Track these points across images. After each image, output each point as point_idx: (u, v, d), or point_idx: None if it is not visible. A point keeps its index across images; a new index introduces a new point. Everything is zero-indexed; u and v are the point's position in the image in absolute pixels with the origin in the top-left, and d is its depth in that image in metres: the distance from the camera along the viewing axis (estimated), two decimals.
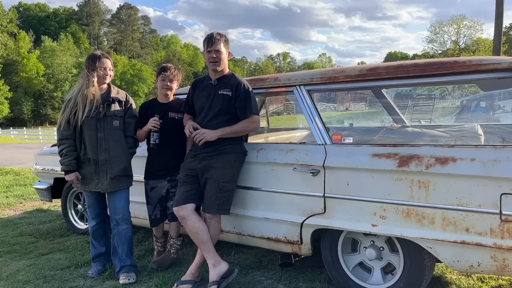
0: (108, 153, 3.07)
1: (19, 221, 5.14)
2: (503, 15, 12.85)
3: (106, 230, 3.32)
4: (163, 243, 3.37)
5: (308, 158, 2.67)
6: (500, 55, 13.19)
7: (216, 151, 2.82)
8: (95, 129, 3.05)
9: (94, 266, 3.25)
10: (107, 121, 3.08)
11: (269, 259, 3.38)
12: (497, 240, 2.13)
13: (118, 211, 3.15)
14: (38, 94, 55.62)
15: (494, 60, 2.31)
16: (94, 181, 3.10)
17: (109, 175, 3.08)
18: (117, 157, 3.10)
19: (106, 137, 3.06)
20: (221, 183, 2.79)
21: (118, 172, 3.10)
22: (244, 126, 2.85)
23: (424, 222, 2.31)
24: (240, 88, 2.83)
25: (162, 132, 3.14)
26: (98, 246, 3.27)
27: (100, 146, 3.06)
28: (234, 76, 2.93)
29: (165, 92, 3.23)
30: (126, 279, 3.03)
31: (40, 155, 4.69)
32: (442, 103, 17.26)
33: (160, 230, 3.34)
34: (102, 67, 3.06)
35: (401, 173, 2.34)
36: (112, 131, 3.09)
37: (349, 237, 2.72)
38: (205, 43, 2.86)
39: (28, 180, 7.89)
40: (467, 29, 45.79)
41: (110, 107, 3.11)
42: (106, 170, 3.07)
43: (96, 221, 3.23)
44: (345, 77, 2.73)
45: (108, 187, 3.09)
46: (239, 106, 2.83)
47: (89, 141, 3.06)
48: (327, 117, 7.37)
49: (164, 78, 3.21)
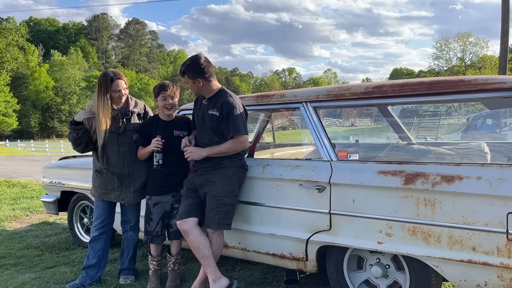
0: (131, 167, 3.13)
1: (25, 233, 5.15)
2: (508, 33, 12.89)
3: (106, 244, 3.31)
4: (159, 261, 3.24)
5: (314, 175, 2.68)
6: (506, 72, 13.19)
7: (214, 166, 2.85)
8: (116, 144, 3.10)
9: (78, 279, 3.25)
10: (127, 135, 3.13)
11: (274, 276, 3.37)
12: (504, 259, 2.12)
13: (130, 220, 3.34)
14: (46, 107, 56.14)
15: (499, 79, 2.33)
16: (116, 193, 3.15)
17: (132, 188, 3.15)
18: (140, 170, 3.16)
19: (127, 151, 3.11)
20: (220, 197, 2.81)
21: (140, 184, 3.18)
22: (230, 146, 2.81)
23: (430, 240, 2.30)
24: (225, 108, 2.80)
25: (166, 150, 3.05)
26: (91, 257, 3.27)
27: (123, 161, 3.11)
28: (223, 94, 2.90)
29: (168, 112, 3.14)
30: (124, 280, 3.30)
31: (48, 168, 4.73)
32: (448, 120, 17.23)
33: (159, 249, 3.23)
34: (116, 89, 3.05)
35: (407, 190, 2.34)
36: (132, 145, 3.14)
37: (354, 254, 2.70)
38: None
39: (34, 193, 7.93)
40: (473, 46, 45.89)
41: (129, 120, 3.15)
42: (129, 183, 3.14)
43: (98, 232, 3.25)
44: (351, 94, 2.75)
45: (132, 200, 3.17)
46: (224, 126, 2.81)
47: (112, 156, 3.11)
48: (333, 133, 7.39)
49: (165, 97, 3.10)
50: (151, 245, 3.20)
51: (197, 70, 2.83)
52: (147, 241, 3.15)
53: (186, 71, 2.86)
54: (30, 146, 33.47)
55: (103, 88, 3.02)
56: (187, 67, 2.85)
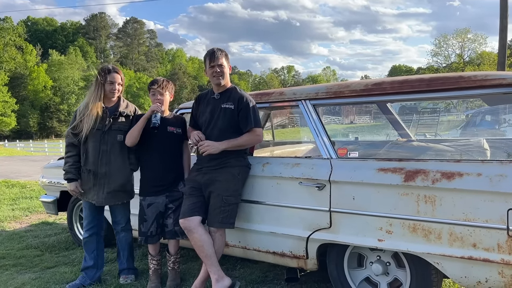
0: (108, 167, 3.09)
1: (24, 234, 5.14)
2: (507, 29, 12.87)
3: (99, 244, 3.30)
4: (159, 261, 3.22)
5: (313, 172, 2.67)
6: (505, 68, 13.17)
7: (219, 165, 2.83)
8: (99, 141, 3.08)
9: (78, 279, 3.25)
10: (111, 134, 3.11)
11: (274, 274, 3.37)
12: (505, 256, 2.11)
13: (119, 222, 3.34)
14: (44, 107, 56.10)
15: (499, 75, 2.32)
16: (92, 192, 3.12)
17: (106, 189, 3.11)
18: (117, 171, 3.12)
19: (108, 151, 3.09)
20: (224, 196, 2.80)
21: (115, 187, 3.13)
22: (247, 139, 2.86)
23: (430, 237, 2.30)
24: (243, 102, 2.86)
25: (160, 146, 3.06)
26: (88, 259, 3.27)
27: (101, 159, 3.08)
28: (236, 90, 2.97)
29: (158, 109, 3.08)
30: (124, 280, 3.31)
31: (47, 168, 4.72)
32: (447, 117, 17.23)
33: (157, 248, 3.21)
34: (110, 81, 3.10)
35: (407, 188, 2.34)
36: (115, 145, 3.11)
37: (355, 252, 2.70)
38: (206, 59, 2.93)
39: (34, 193, 7.92)
40: (471, 43, 45.89)
41: (116, 120, 3.13)
42: (103, 183, 3.10)
43: (89, 233, 3.24)
44: (351, 91, 2.74)
45: (103, 201, 3.13)
46: (242, 119, 2.85)
47: (92, 153, 3.09)
48: (332, 130, 7.38)
49: (154, 93, 3.09)
50: (148, 245, 3.19)
51: (229, 59, 2.99)
52: (142, 241, 3.13)
53: (227, 54, 2.96)
54: (29, 146, 33.44)
55: (99, 79, 3.09)
56: (225, 51, 2.96)
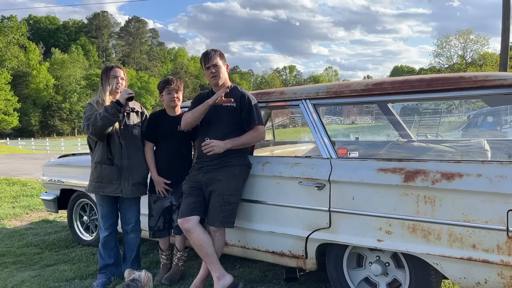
0: (130, 160, 3.15)
1: (25, 231, 5.15)
2: (509, 30, 12.84)
3: (117, 242, 3.34)
4: (169, 255, 3.33)
5: (313, 172, 2.67)
6: (507, 70, 13.14)
7: (220, 164, 2.83)
8: (117, 136, 3.13)
9: (100, 278, 3.24)
10: (128, 129, 3.17)
11: (273, 273, 3.36)
12: (504, 257, 2.11)
13: (130, 221, 3.28)
14: (46, 106, 56.17)
15: (500, 76, 2.31)
16: (114, 185, 3.14)
17: (131, 181, 3.15)
18: (139, 164, 3.19)
19: (127, 145, 3.15)
20: (225, 196, 2.80)
21: (139, 179, 3.19)
22: (251, 137, 2.87)
23: (430, 237, 2.29)
24: (245, 100, 2.87)
25: (170, 145, 3.17)
26: (107, 257, 3.27)
27: (123, 153, 3.13)
28: (237, 89, 2.98)
29: (174, 105, 3.22)
30: None
31: (47, 166, 4.72)
32: (448, 118, 17.20)
33: (166, 243, 3.31)
34: (114, 75, 3.13)
35: (407, 188, 2.33)
36: (133, 139, 3.18)
37: (354, 252, 2.70)
38: (202, 62, 2.95)
39: (34, 191, 7.93)
40: (473, 44, 45.76)
41: (129, 115, 3.20)
42: (128, 176, 3.14)
43: (109, 231, 3.26)
44: (351, 91, 2.74)
45: (130, 193, 3.16)
46: (245, 117, 2.86)
47: (113, 146, 3.13)
48: (333, 130, 7.38)
49: (170, 91, 3.20)
50: (159, 239, 3.30)
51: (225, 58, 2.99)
52: (150, 235, 3.25)
53: (221, 53, 2.96)
54: (30, 144, 33.50)
55: (104, 76, 3.15)
56: (219, 51, 2.95)
